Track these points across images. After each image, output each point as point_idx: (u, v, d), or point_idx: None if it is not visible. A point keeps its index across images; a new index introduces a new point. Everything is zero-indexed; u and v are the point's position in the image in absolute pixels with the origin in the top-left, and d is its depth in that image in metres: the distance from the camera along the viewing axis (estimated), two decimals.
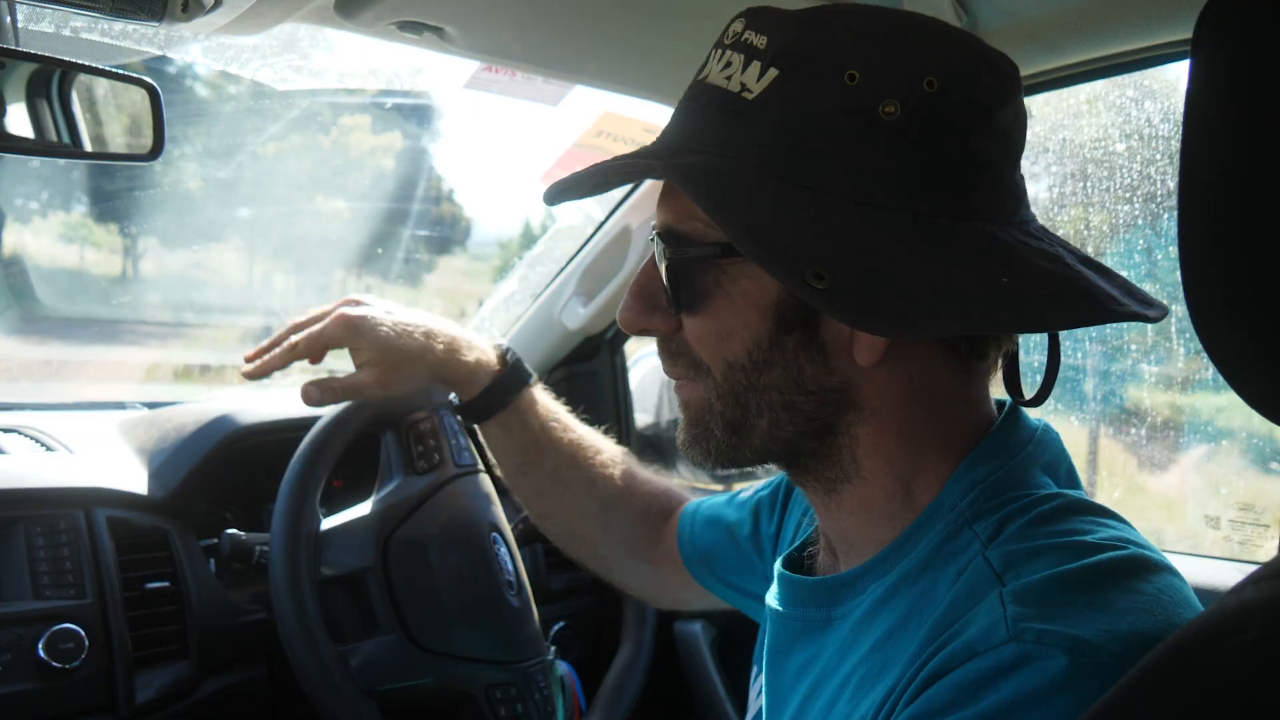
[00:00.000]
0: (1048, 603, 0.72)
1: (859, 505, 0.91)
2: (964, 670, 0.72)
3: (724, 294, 0.87)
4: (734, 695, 1.94)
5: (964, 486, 0.86)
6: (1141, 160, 1.79)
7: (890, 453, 0.89)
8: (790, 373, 0.86)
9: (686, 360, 0.92)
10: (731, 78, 0.85)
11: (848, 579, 0.91)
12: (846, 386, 0.87)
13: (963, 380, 0.90)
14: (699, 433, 0.93)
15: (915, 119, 0.81)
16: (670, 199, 0.90)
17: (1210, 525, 1.77)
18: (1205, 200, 0.53)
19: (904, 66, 0.82)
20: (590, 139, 1.96)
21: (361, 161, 4.66)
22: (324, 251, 4.27)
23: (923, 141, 0.81)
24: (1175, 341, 1.95)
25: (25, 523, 1.40)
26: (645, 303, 0.93)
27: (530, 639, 1.48)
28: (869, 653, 0.84)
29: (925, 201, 0.81)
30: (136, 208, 3.23)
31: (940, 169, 0.82)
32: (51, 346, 3.11)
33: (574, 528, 1.41)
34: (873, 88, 0.81)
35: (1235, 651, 0.48)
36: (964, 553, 0.82)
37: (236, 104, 2.95)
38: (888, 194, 0.81)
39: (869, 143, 0.81)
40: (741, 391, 0.88)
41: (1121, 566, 0.76)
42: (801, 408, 0.87)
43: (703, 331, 0.89)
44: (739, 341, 0.87)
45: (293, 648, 1.27)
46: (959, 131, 0.83)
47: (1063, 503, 0.84)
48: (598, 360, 2.37)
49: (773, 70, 0.83)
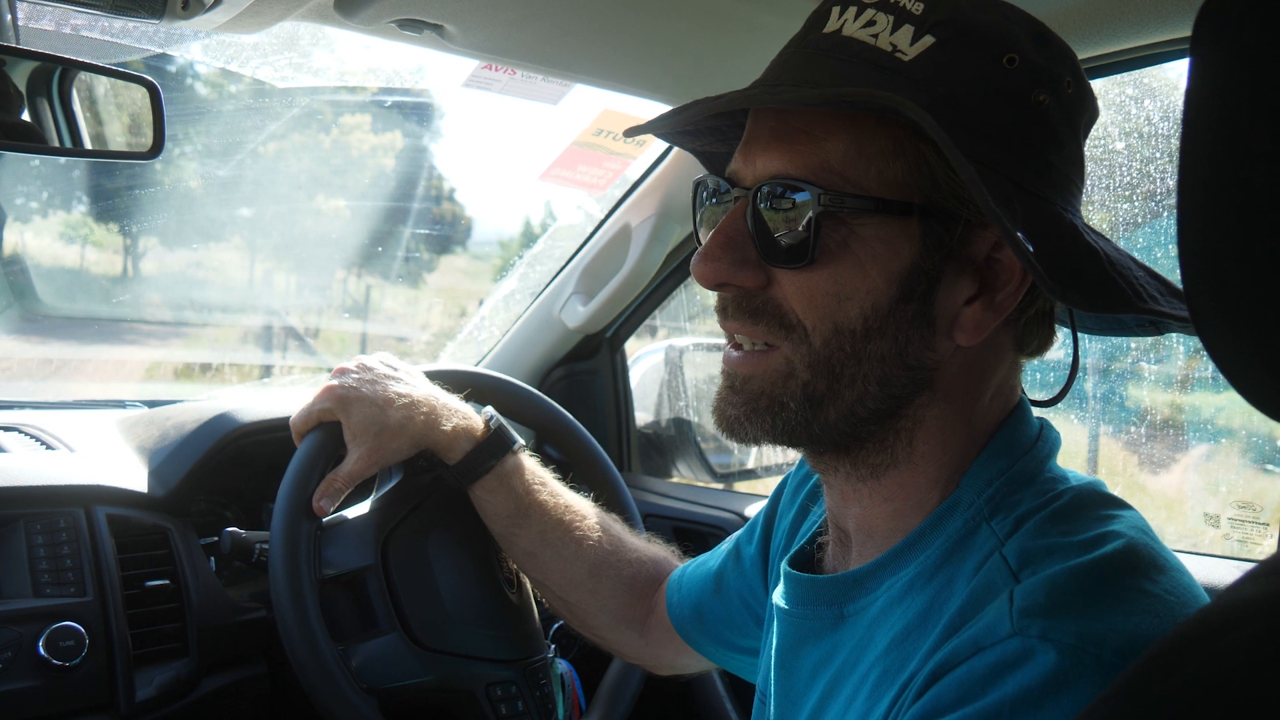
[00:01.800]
0: (1055, 599, 0.73)
1: (897, 492, 0.90)
2: (969, 665, 0.72)
3: (852, 254, 0.83)
4: (733, 693, 1.94)
5: (981, 482, 0.87)
6: (1141, 159, 1.79)
7: (948, 439, 0.88)
8: (898, 344, 0.84)
9: (773, 321, 0.86)
10: (879, 36, 0.83)
11: (859, 575, 0.91)
12: (936, 366, 0.86)
13: (1012, 373, 0.92)
14: (765, 405, 0.87)
15: (1062, 113, 0.85)
16: (795, 143, 0.84)
17: (1210, 524, 1.77)
18: (1205, 198, 0.53)
19: (1051, 61, 0.84)
20: (590, 137, 1.96)
21: (362, 160, 4.66)
22: (324, 250, 4.27)
23: (1067, 136, 0.85)
24: (1175, 340, 1.95)
25: (25, 521, 1.40)
26: (734, 254, 0.87)
27: (530, 637, 1.48)
28: (887, 649, 0.84)
29: (1059, 194, 0.85)
30: (137, 207, 3.23)
31: (1069, 167, 0.86)
32: (52, 345, 3.12)
33: (564, 594, 1.41)
34: (1029, 75, 0.83)
35: (1233, 647, 0.48)
36: (982, 549, 0.82)
37: (237, 103, 2.96)
38: (1034, 181, 0.83)
39: (1024, 128, 0.83)
40: (841, 359, 0.84)
41: (1132, 564, 0.76)
42: (894, 382, 0.85)
43: (816, 291, 0.84)
44: (856, 305, 0.83)
45: (292, 646, 1.27)
46: (1079, 134, 0.88)
47: (1078, 495, 0.84)
48: (597, 359, 2.37)
49: (929, 37, 0.82)
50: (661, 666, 1.45)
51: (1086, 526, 0.80)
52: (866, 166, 0.82)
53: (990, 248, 0.84)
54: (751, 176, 0.87)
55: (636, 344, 2.49)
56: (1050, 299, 0.89)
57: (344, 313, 4.90)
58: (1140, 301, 0.81)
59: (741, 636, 1.26)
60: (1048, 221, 0.81)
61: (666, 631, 1.35)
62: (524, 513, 1.38)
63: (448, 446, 1.37)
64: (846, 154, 0.82)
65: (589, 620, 1.41)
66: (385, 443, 1.33)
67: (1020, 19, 0.86)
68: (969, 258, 0.84)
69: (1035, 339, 0.90)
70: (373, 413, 1.33)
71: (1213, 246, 0.53)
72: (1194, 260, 0.54)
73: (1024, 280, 0.84)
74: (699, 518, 2.08)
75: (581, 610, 1.41)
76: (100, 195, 3.39)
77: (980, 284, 0.85)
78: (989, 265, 0.85)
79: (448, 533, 1.43)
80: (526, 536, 1.38)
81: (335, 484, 1.34)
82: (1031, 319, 0.89)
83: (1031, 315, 0.89)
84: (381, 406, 1.33)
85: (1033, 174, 0.83)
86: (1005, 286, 0.84)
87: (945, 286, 0.84)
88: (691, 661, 1.40)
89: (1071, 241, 0.81)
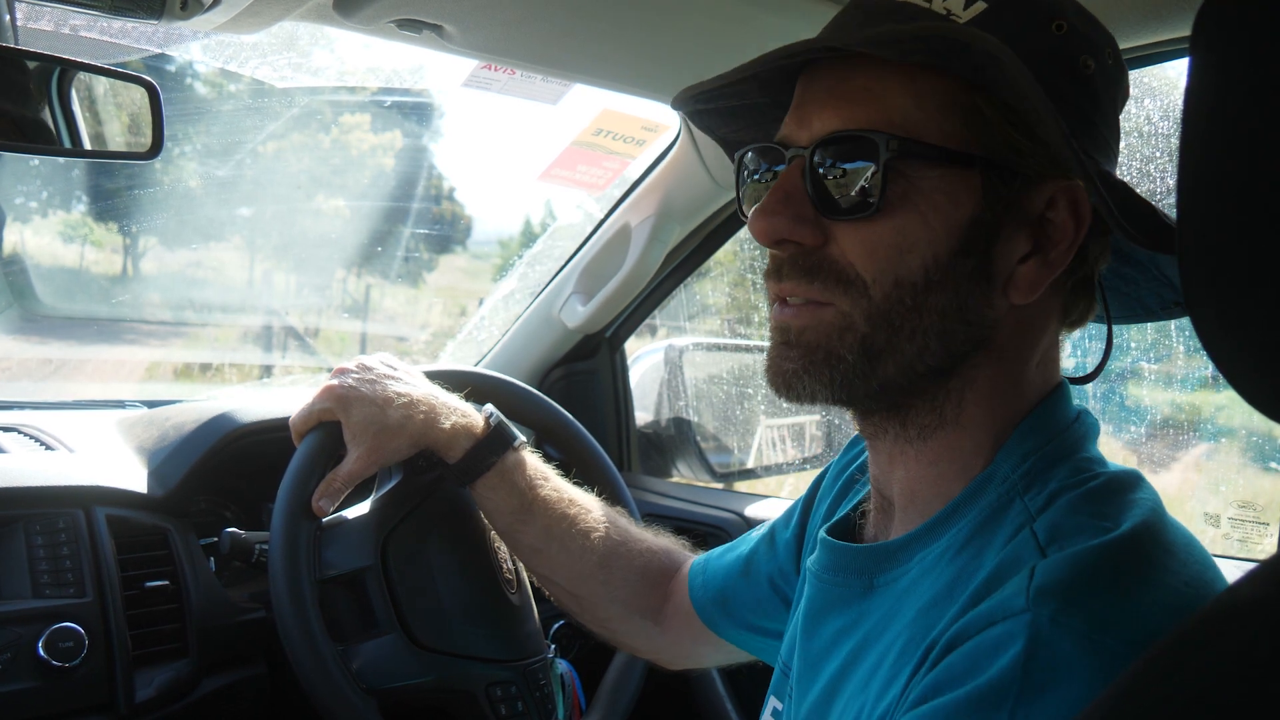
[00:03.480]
0: (1074, 579, 0.73)
1: (943, 454, 0.90)
2: (981, 638, 0.72)
3: (914, 205, 0.83)
4: (733, 693, 1.94)
5: (1017, 457, 0.87)
6: (1141, 158, 1.79)
7: (995, 402, 0.89)
8: (958, 297, 0.84)
9: (831, 277, 0.86)
10: (933, 1, 0.85)
11: (893, 548, 0.91)
12: (993, 323, 0.87)
13: (1055, 343, 0.93)
14: (823, 358, 0.87)
15: (1105, 80, 0.87)
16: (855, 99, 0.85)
17: (1210, 523, 1.77)
18: (1203, 198, 0.53)
19: (1095, 32, 0.87)
20: (589, 137, 1.96)
21: (361, 160, 4.66)
22: (324, 250, 4.27)
23: (1107, 104, 0.88)
24: (1175, 339, 1.95)
25: (25, 521, 1.40)
26: (793, 210, 0.86)
27: (530, 637, 1.48)
28: (914, 618, 0.84)
29: (1103, 157, 0.87)
30: (136, 206, 3.23)
31: (1110, 134, 0.89)
32: (51, 345, 3.12)
33: (574, 588, 1.39)
34: (1077, 41, 0.85)
35: (1231, 649, 0.48)
36: (1013, 523, 0.83)
37: (236, 102, 2.96)
38: (1082, 142, 0.84)
39: (1072, 92, 0.84)
40: (901, 312, 0.84)
41: (1156, 551, 0.76)
42: (954, 336, 0.85)
43: (877, 244, 0.84)
44: (918, 257, 0.84)
45: (292, 646, 1.27)
46: (1118, 104, 0.90)
47: (1114, 478, 0.84)
48: (597, 359, 2.37)
49: (981, 3, 0.84)
50: (676, 658, 1.44)
51: (1119, 510, 0.80)
52: (926, 120, 0.83)
53: (1045, 205, 0.86)
54: (808, 136, 0.87)
55: (636, 344, 2.49)
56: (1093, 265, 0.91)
57: (344, 312, 4.90)
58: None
59: (767, 619, 1.26)
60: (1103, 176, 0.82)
61: (686, 617, 1.35)
62: (528, 508, 1.37)
63: (447, 445, 1.37)
64: (905, 108, 0.83)
65: (600, 613, 1.40)
66: (384, 442, 1.33)
67: None
68: (1025, 214, 0.85)
69: (1079, 306, 0.92)
70: (372, 412, 1.33)
71: (1211, 246, 0.53)
72: (1192, 259, 0.54)
73: (1076, 238, 0.85)
74: (699, 517, 2.08)
75: (592, 603, 1.40)
76: (100, 195, 3.39)
77: (1034, 242, 0.86)
78: (1042, 224, 0.86)
79: (447, 533, 1.43)
80: (531, 532, 1.37)
81: (335, 484, 1.34)
82: (1078, 283, 0.91)
83: (1078, 280, 0.90)
84: (381, 406, 1.33)
85: (1081, 135, 0.85)
86: (1059, 245, 0.86)
87: (1003, 242, 0.85)
88: (707, 652, 1.39)
89: (1127, 192, 0.83)
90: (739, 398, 2.60)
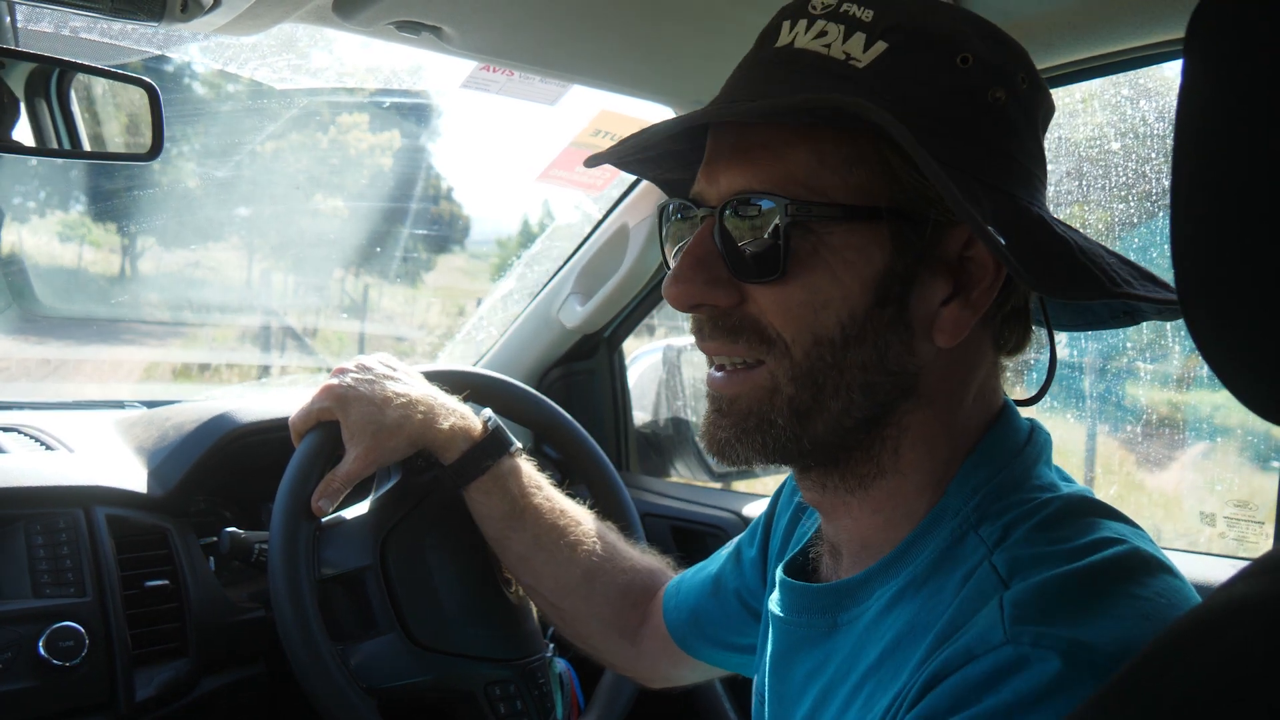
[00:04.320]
0: (1046, 605, 0.72)
1: (885, 503, 0.90)
2: (963, 674, 0.72)
3: (823, 262, 0.83)
4: (732, 694, 1.94)
5: (968, 490, 0.86)
6: (1137, 159, 1.80)
7: (934, 444, 0.88)
8: (878, 350, 0.84)
9: (753, 337, 0.86)
10: (831, 46, 0.84)
11: (851, 585, 0.91)
12: (918, 370, 0.86)
13: (993, 374, 0.92)
14: (754, 424, 0.87)
15: (1019, 109, 0.85)
16: (757, 158, 0.84)
17: (1206, 522, 1.77)
18: (1198, 200, 0.54)
19: (1004, 59, 0.86)
20: (588, 137, 1.96)
21: (360, 160, 4.66)
22: (323, 250, 4.27)
23: (1025, 131, 0.86)
24: (1171, 339, 1.95)
25: (25, 521, 1.40)
26: (705, 274, 0.86)
27: (529, 636, 1.48)
28: (878, 660, 0.84)
29: (1023, 189, 0.85)
30: (135, 207, 3.23)
31: (1031, 162, 0.87)
32: (50, 345, 3.12)
33: (557, 599, 1.39)
34: (984, 73, 0.84)
35: (1224, 648, 0.49)
36: (970, 558, 0.82)
37: (235, 103, 2.96)
38: (997, 177, 0.83)
39: (983, 126, 0.84)
40: (823, 370, 0.84)
41: (1122, 568, 0.76)
42: (878, 389, 0.85)
43: (791, 303, 0.84)
44: (833, 314, 0.83)
45: (291, 646, 1.27)
46: (1038, 129, 0.89)
47: (1067, 503, 0.84)
48: (595, 359, 2.37)
49: (882, 43, 0.83)
50: (653, 677, 1.44)
51: (1075, 534, 0.80)
52: (830, 175, 0.82)
53: (961, 246, 0.84)
54: (716, 195, 0.87)
55: (634, 343, 2.49)
56: (1024, 295, 0.90)
57: (342, 312, 4.90)
58: (1114, 286, 0.81)
59: (738, 635, 1.26)
60: (1015, 215, 0.82)
61: (661, 640, 1.35)
62: (518, 515, 1.37)
63: (444, 445, 1.37)
64: (809, 165, 0.82)
65: (580, 627, 1.40)
66: (382, 441, 1.33)
67: (969, 19, 0.86)
68: (941, 258, 0.84)
69: (1013, 336, 0.91)
70: (370, 411, 1.33)
71: (1206, 248, 0.53)
72: (1187, 261, 0.54)
73: (998, 276, 0.84)
74: (697, 517, 2.08)
75: (573, 616, 1.40)
76: (99, 195, 3.39)
77: (955, 284, 0.85)
78: (961, 264, 0.85)
79: (446, 533, 1.43)
80: (520, 540, 1.37)
81: (334, 484, 1.34)
82: (1008, 315, 0.89)
83: (1007, 312, 0.89)
84: (379, 405, 1.34)
85: (996, 170, 0.83)
86: (980, 284, 0.84)
87: (920, 289, 0.84)
88: (684, 673, 1.39)
89: (1041, 233, 0.82)
90: None
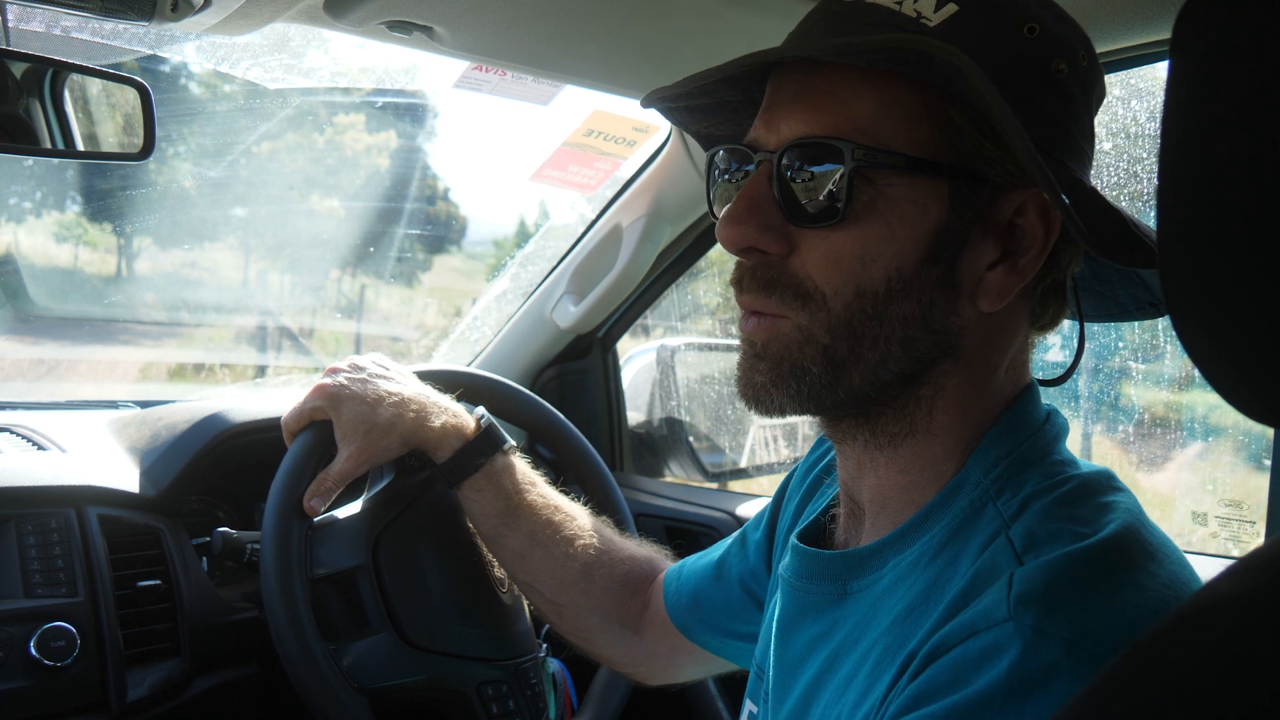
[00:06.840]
0: (1053, 587, 0.73)
1: (913, 462, 0.90)
2: (964, 649, 0.72)
3: (879, 214, 0.82)
4: (726, 694, 1.94)
5: (988, 461, 0.87)
6: (1128, 159, 1.80)
7: (966, 409, 0.89)
8: (922, 306, 0.84)
9: (790, 290, 0.85)
10: (903, 3, 0.84)
11: (865, 553, 0.91)
12: (959, 331, 0.87)
13: (1024, 347, 0.92)
14: (787, 370, 0.86)
15: (1078, 84, 0.86)
16: (822, 104, 0.84)
17: (1198, 522, 1.78)
18: (1183, 201, 0.54)
19: (1068, 33, 0.86)
20: (581, 137, 1.96)
21: (355, 160, 4.66)
22: (318, 250, 4.26)
23: (1081, 107, 0.87)
24: (1164, 339, 1.96)
25: (17, 521, 1.40)
26: (760, 219, 0.85)
27: (522, 636, 1.48)
28: (889, 627, 0.84)
29: (1076, 162, 0.86)
30: (130, 207, 3.22)
31: (1083, 138, 0.88)
32: (45, 345, 3.11)
33: (555, 595, 1.39)
34: (1049, 44, 0.84)
35: (1205, 645, 0.49)
36: (987, 529, 0.82)
37: (229, 103, 2.96)
38: (1053, 146, 0.84)
39: (1044, 96, 0.84)
40: (862, 321, 0.84)
41: (1132, 554, 0.77)
42: (917, 344, 0.85)
43: (841, 253, 0.83)
44: (881, 267, 0.83)
45: (284, 646, 1.27)
46: (1092, 108, 0.90)
47: (1087, 482, 0.84)
48: (589, 359, 2.37)
49: (952, 5, 0.83)
50: (653, 669, 1.43)
51: (1093, 514, 0.80)
52: (894, 127, 0.82)
53: (1014, 212, 0.85)
54: (775, 140, 0.86)
55: (629, 344, 2.49)
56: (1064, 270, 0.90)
57: (338, 313, 4.89)
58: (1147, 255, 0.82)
59: (740, 622, 1.26)
60: (1071, 184, 0.82)
61: (662, 625, 1.35)
62: (513, 512, 1.37)
63: (437, 444, 1.37)
64: (873, 114, 0.82)
65: (580, 622, 1.40)
66: (375, 440, 1.33)
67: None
68: (993, 221, 0.85)
69: (1049, 310, 0.92)
70: (363, 410, 1.33)
71: (1191, 249, 0.53)
72: (1173, 262, 0.54)
73: (1045, 245, 0.85)
74: (691, 517, 2.08)
75: (573, 612, 1.39)
76: (94, 195, 3.38)
77: (1003, 249, 0.85)
78: (1011, 230, 0.85)
79: (439, 532, 1.43)
80: (515, 537, 1.37)
81: (326, 483, 1.34)
82: (1047, 289, 0.90)
83: (1047, 285, 0.90)
84: (372, 404, 1.34)
85: (1052, 139, 0.84)
86: (1028, 251, 0.85)
87: (970, 250, 0.84)
88: (685, 662, 1.39)
89: (1097, 200, 0.83)
90: (731, 397, 2.61)
